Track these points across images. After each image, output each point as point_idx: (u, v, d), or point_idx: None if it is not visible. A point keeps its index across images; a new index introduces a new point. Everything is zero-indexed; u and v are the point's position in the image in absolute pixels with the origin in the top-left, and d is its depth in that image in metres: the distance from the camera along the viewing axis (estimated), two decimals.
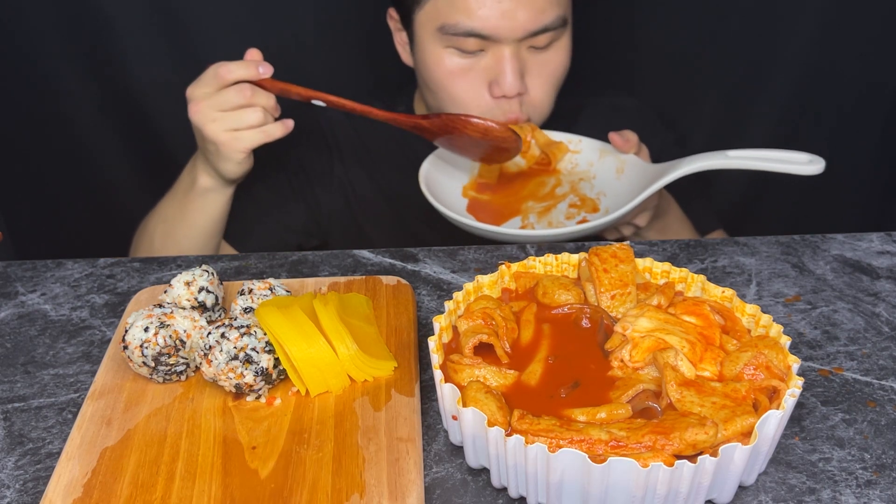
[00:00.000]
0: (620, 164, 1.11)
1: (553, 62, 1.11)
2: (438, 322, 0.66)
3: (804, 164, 0.96)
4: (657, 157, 1.27)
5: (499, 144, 1.04)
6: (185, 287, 0.75)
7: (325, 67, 1.41)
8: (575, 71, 1.16)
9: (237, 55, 1.35)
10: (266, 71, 1.00)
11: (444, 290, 0.87)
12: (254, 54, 1.02)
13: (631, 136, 1.10)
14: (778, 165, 0.97)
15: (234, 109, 0.99)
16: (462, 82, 1.09)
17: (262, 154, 1.05)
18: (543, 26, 1.05)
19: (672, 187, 1.10)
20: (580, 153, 1.14)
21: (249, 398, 0.69)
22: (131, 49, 1.33)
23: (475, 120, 1.01)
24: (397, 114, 1.03)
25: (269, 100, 1.00)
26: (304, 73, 1.40)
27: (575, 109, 1.26)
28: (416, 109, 1.27)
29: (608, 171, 1.12)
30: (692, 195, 1.27)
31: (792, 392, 0.58)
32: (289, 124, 1.03)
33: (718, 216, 1.48)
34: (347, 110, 1.03)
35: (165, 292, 0.76)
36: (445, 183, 1.12)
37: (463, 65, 1.08)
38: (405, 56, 1.19)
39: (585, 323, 0.68)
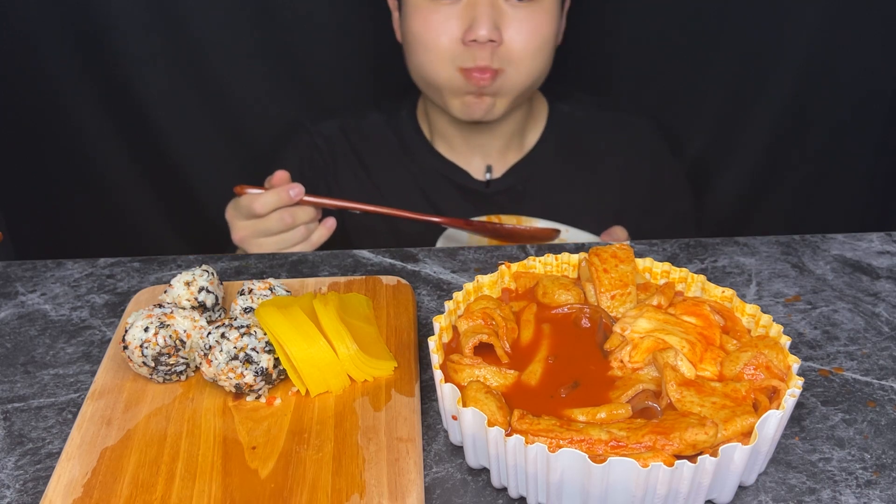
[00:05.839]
0: None
1: (534, 19, 1.11)
2: (438, 322, 0.66)
3: None
4: (665, 189, 1.28)
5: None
6: (185, 287, 0.75)
7: (328, 75, 1.40)
8: (574, 76, 1.17)
9: (239, 57, 1.36)
10: (298, 193, 1.02)
11: (444, 290, 0.87)
12: (282, 177, 1.05)
13: (620, 234, 1.13)
14: None
15: (276, 234, 1.03)
16: (437, 26, 1.10)
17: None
18: None
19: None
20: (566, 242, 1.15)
21: (249, 398, 0.69)
22: (132, 50, 1.33)
23: (523, 227, 1.07)
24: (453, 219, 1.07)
25: (307, 214, 1.04)
26: (307, 79, 1.40)
27: (590, 120, 1.26)
28: (419, 116, 1.27)
29: None
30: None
31: (792, 392, 0.58)
32: (331, 225, 1.07)
33: (718, 216, 1.48)
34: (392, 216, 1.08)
35: (165, 292, 0.76)
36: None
37: (441, 11, 1.09)
38: (399, 34, 1.20)
39: (585, 323, 0.68)
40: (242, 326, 0.68)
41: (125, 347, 0.69)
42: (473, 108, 1.14)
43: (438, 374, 0.61)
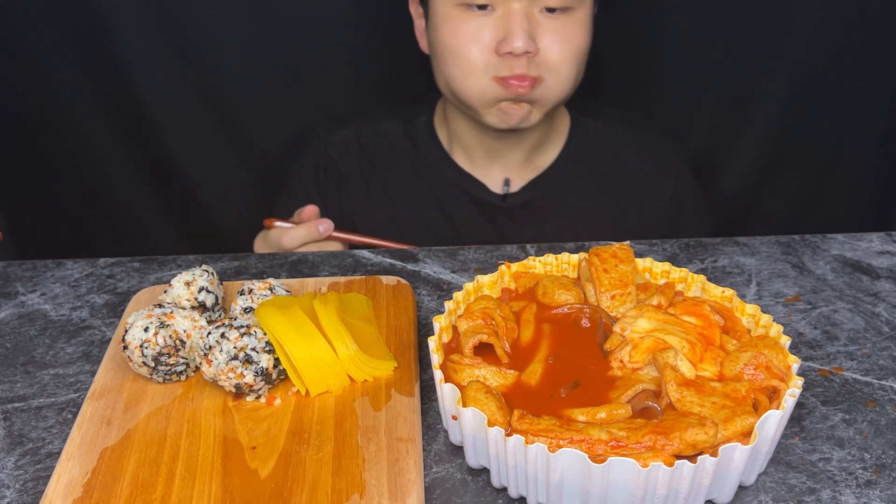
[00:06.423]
0: None
1: (569, 29, 1.09)
2: (438, 322, 0.66)
3: None
4: (686, 213, 1.27)
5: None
6: (185, 287, 0.75)
7: (332, 76, 1.39)
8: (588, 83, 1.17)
9: (241, 57, 1.35)
10: (326, 229, 1.05)
11: (444, 290, 0.87)
12: (311, 212, 1.07)
13: None
14: None
15: None
16: (468, 37, 1.07)
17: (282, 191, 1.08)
18: None
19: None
20: None
21: (249, 398, 0.69)
22: (132, 50, 1.32)
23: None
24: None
25: (335, 249, 1.06)
26: (308, 80, 1.39)
27: (613, 136, 1.25)
28: (437, 123, 1.26)
29: None
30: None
31: (792, 392, 0.58)
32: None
33: (718, 216, 1.48)
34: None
35: (165, 292, 0.76)
36: None
37: (472, 21, 1.07)
38: (423, 43, 1.18)
39: (585, 323, 0.68)
40: (242, 326, 0.68)
41: (125, 347, 0.69)
42: (511, 113, 1.11)
43: (438, 374, 0.61)
